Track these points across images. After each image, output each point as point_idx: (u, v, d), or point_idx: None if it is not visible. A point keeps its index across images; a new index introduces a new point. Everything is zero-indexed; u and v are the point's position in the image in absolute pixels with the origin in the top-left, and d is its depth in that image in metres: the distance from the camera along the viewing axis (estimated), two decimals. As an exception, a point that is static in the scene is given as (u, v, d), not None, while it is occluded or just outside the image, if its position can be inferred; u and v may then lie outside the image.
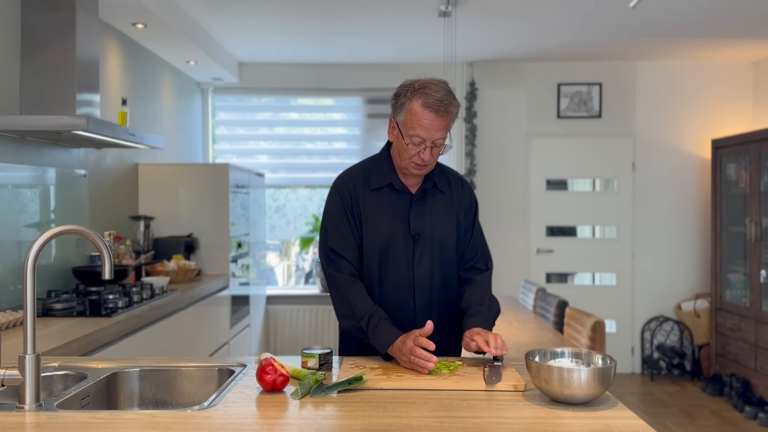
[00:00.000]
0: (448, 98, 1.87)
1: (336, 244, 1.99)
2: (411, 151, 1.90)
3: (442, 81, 1.92)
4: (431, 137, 1.88)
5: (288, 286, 6.26)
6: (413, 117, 1.87)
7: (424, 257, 2.00)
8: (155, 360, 1.91)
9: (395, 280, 1.99)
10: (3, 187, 2.87)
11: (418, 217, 2.00)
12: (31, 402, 1.47)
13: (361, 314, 1.90)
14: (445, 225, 2.02)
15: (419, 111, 1.87)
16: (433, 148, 1.89)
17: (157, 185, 4.43)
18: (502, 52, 5.46)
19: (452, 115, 1.89)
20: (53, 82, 2.96)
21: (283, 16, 4.43)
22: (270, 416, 1.43)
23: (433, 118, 1.86)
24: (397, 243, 1.98)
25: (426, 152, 1.89)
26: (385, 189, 2.01)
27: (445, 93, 1.88)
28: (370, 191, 2.00)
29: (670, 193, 5.81)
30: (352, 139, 5.94)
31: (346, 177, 2.05)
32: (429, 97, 1.86)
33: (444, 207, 2.04)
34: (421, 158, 1.90)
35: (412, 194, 2.01)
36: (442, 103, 1.86)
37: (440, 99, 1.86)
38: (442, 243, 2.02)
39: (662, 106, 5.80)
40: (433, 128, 1.87)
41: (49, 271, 3.24)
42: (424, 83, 1.89)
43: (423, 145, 1.89)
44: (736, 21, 4.54)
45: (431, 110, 1.86)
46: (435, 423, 1.37)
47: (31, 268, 1.50)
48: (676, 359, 5.62)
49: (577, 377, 1.47)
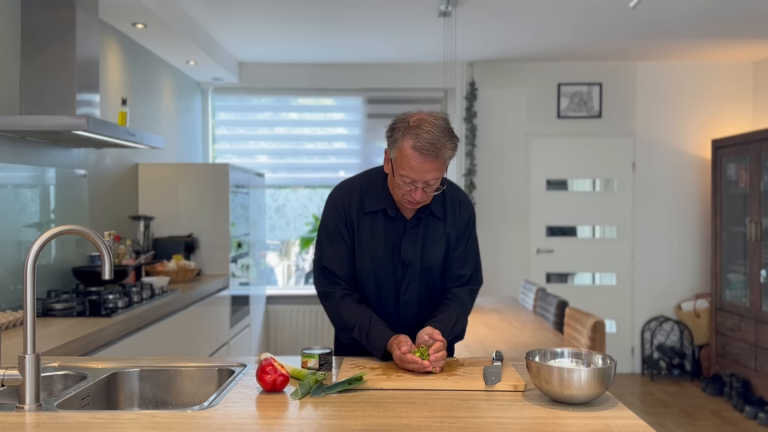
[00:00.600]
0: (441, 140, 1.77)
1: (329, 262, 1.98)
2: (403, 189, 1.85)
3: (440, 117, 1.83)
4: (422, 179, 1.81)
5: (288, 286, 6.26)
6: (404, 157, 1.81)
7: (412, 284, 1.98)
8: (155, 360, 1.91)
9: (382, 303, 1.99)
10: (3, 187, 2.87)
11: (410, 244, 1.97)
12: (31, 402, 1.47)
13: (352, 324, 1.91)
14: (435, 252, 1.98)
15: (409, 152, 1.79)
16: (425, 188, 1.84)
17: (157, 185, 4.43)
18: (502, 52, 5.46)
19: (445, 158, 1.80)
20: (53, 82, 2.96)
21: (283, 16, 4.43)
22: (270, 416, 1.43)
23: (423, 161, 1.78)
24: (385, 268, 1.97)
25: (418, 192, 1.83)
26: (379, 213, 1.97)
27: (439, 133, 1.77)
28: (364, 213, 1.97)
29: (670, 193, 5.81)
30: (352, 139, 5.94)
31: (343, 194, 2.01)
32: (420, 139, 1.77)
33: (437, 234, 1.99)
34: (412, 197, 1.85)
35: (406, 221, 1.97)
36: (434, 147, 1.76)
37: (431, 141, 1.76)
38: (430, 270, 1.99)
39: (662, 106, 5.80)
40: (424, 170, 1.79)
41: (49, 271, 3.24)
42: (418, 120, 1.80)
43: (414, 186, 1.83)
44: (737, 21, 4.54)
45: (420, 153, 1.77)
46: (435, 423, 1.37)
47: (31, 268, 1.50)
48: (676, 359, 5.62)
49: (577, 377, 1.47)
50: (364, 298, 1.99)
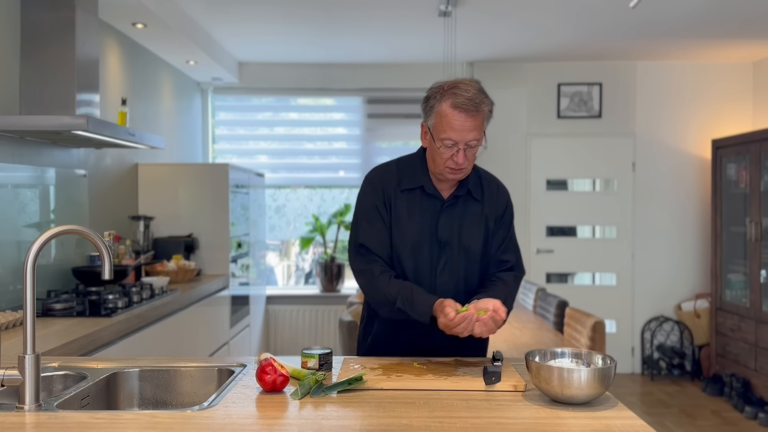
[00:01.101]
0: (479, 97, 1.81)
1: (367, 240, 1.94)
2: (444, 155, 1.84)
3: (474, 80, 1.86)
4: (464, 139, 1.81)
5: (288, 286, 6.26)
6: (443, 119, 1.82)
7: (449, 265, 1.95)
8: (155, 360, 1.90)
9: (418, 284, 1.94)
10: (3, 187, 2.87)
11: (447, 224, 1.94)
12: (30, 402, 1.47)
13: (394, 296, 1.86)
14: (474, 233, 1.96)
15: (449, 112, 1.80)
16: (467, 150, 1.83)
17: (157, 185, 4.43)
18: (502, 52, 5.46)
19: (484, 114, 1.83)
20: (53, 82, 2.96)
21: (283, 16, 4.43)
22: (270, 416, 1.43)
23: (465, 119, 1.80)
24: (422, 248, 1.94)
25: (460, 155, 1.82)
26: (416, 191, 1.95)
27: (475, 92, 1.81)
28: (401, 191, 1.95)
29: (670, 193, 5.81)
30: (352, 139, 5.94)
31: (381, 173, 2.00)
32: (458, 97, 1.79)
33: (475, 215, 1.97)
34: (455, 162, 1.83)
35: (443, 199, 1.95)
36: (473, 102, 1.79)
37: (470, 98, 1.79)
38: (469, 252, 1.95)
39: (662, 106, 5.80)
40: (465, 129, 1.80)
41: (49, 271, 3.24)
42: (453, 83, 1.83)
43: (456, 148, 1.82)
44: (737, 21, 4.54)
45: (461, 111, 1.79)
46: (435, 423, 1.37)
47: (30, 268, 1.50)
48: (676, 359, 5.62)
49: (577, 377, 1.47)
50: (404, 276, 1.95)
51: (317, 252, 6.13)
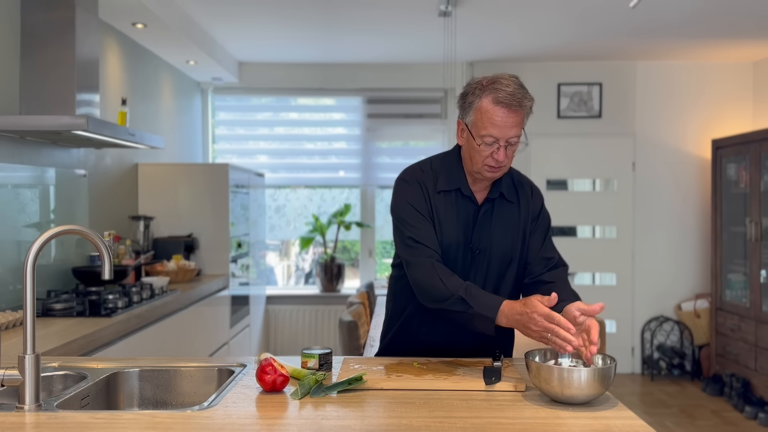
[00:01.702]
0: (520, 92, 1.76)
1: (416, 233, 1.84)
2: (484, 153, 1.78)
3: (513, 75, 1.80)
4: (505, 135, 1.76)
5: (288, 286, 6.26)
6: (484, 115, 1.76)
7: (480, 272, 1.89)
8: (155, 360, 1.90)
9: None
10: (3, 187, 2.87)
11: (483, 231, 1.88)
12: (30, 402, 1.46)
13: (456, 287, 1.74)
14: (509, 239, 1.90)
15: (490, 108, 1.75)
16: (507, 147, 1.77)
17: (157, 185, 4.43)
18: (502, 52, 5.46)
19: (526, 109, 1.78)
20: (53, 82, 2.96)
21: (283, 16, 4.43)
22: (270, 416, 1.43)
23: (506, 115, 1.74)
24: (455, 252, 1.87)
25: (500, 152, 1.77)
26: (453, 193, 1.89)
27: (516, 87, 1.76)
28: (437, 193, 1.88)
29: (670, 193, 5.81)
30: (352, 139, 5.94)
31: (419, 171, 1.91)
32: (500, 92, 1.74)
33: (511, 219, 1.91)
34: (495, 159, 1.77)
35: (478, 204, 1.89)
36: (515, 98, 1.74)
37: (512, 93, 1.74)
38: (505, 258, 1.90)
39: (662, 106, 5.80)
40: (507, 125, 1.75)
41: (49, 271, 3.24)
42: (493, 79, 1.78)
43: (496, 145, 1.77)
44: (736, 21, 4.54)
45: (503, 106, 1.74)
46: (435, 423, 1.37)
47: (30, 268, 1.50)
48: (676, 359, 5.62)
49: (577, 377, 1.47)
50: None
51: (317, 252, 6.13)
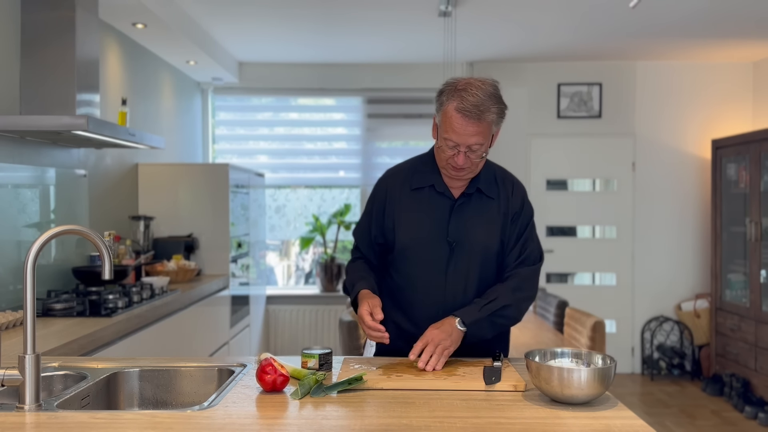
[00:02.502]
0: (485, 104, 1.78)
1: (357, 235, 2.07)
2: (446, 154, 1.84)
3: (489, 82, 1.83)
4: (465, 142, 1.80)
5: (288, 286, 6.26)
6: (447, 120, 1.81)
7: (461, 265, 1.92)
8: (155, 360, 1.90)
9: (427, 285, 1.94)
10: (3, 187, 2.87)
11: (458, 224, 1.92)
12: (30, 402, 1.47)
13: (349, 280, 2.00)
14: (488, 233, 1.93)
15: (452, 114, 1.79)
16: (468, 152, 1.82)
17: (157, 185, 4.43)
18: (502, 52, 5.46)
19: (489, 121, 1.80)
20: (53, 82, 2.96)
21: (283, 16, 4.43)
22: (270, 416, 1.43)
23: (466, 124, 1.78)
24: (431, 248, 1.92)
25: (459, 157, 1.82)
26: (426, 190, 1.95)
27: (484, 97, 1.78)
28: (411, 190, 1.96)
29: (670, 193, 5.81)
30: (352, 139, 5.94)
31: (389, 175, 2.04)
32: (464, 100, 1.77)
33: (489, 213, 1.94)
34: (455, 162, 1.83)
35: (454, 198, 1.94)
36: (477, 109, 1.76)
37: (475, 104, 1.76)
38: (483, 251, 1.93)
39: (662, 106, 5.80)
40: (466, 134, 1.79)
41: (49, 271, 3.24)
42: (465, 84, 1.80)
43: (457, 149, 1.81)
44: (736, 21, 4.54)
45: (463, 115, 1.78)
46: (435, 423, 1.37)
47: (31, 268, 1.50)
48: (676, 359, 5.62)
49: (577, 377, 1.47)
50: (411, 278, 1.96)
51: (317, 252, 6.13)
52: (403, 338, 1.95)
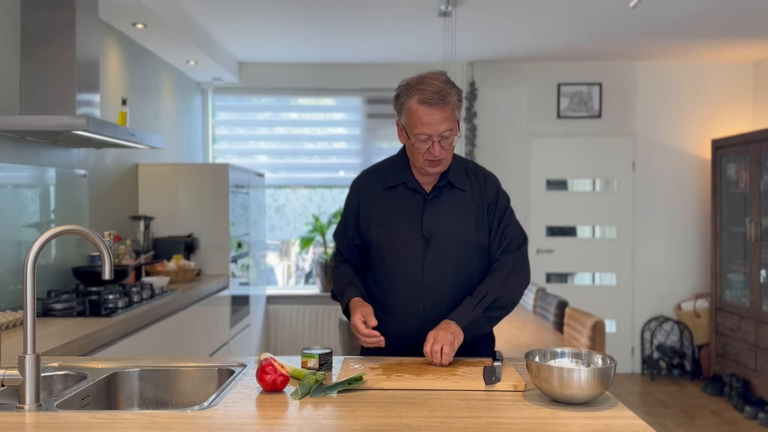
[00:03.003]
0: (444, 89, 1.84)
1: (337, 239, 2.14)
2: (421, 149, 1.88)
3: (439, 72, 1.89)
4: (436, 131, 1.85)
5: (288, 286, 6.26)
6: (413, 116, 1.86)
7: (436, 258, 1.95)
8: (155, 360, 1.91)
9: (404, 281, 1.97)
10: (3, 187, 2.87)
11: (432, 217, 1.96)
12: (31, 402, 1.47)
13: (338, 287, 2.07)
14: (462, 224, 1.97)
15: (417, 108, 1.85)
16: (441, 141, 1.86)
17: (157, 185, 4.43)
18: (502, 52, 5.46)
19: (452, 104, 1.86)
20: (53, 82, 2.96)
21: (283, 16, 4.43)
22: (270, 416, 1.43)
23: (433, 113, 1.84)
24: (407, 243, 1.96)
25: (435, 147, 1.86)
26: (399, 188, 2.00)
27: (441, 84, 1.85)
28: (384, 189, 2.01)
29: (670, 193, 5.81)
30: (352, 139, 5.94)
31: (363, 176, 2.09)
32: (424, 92, 1.83)
33: (462, 205, 1.98)
34: (432, 154, 1.87)
35: (426, 193, 1.98)
36: (439, 95, 1.83)
37: (436, 92, 1.83)
38: (459, 243, 1.96)
39: (662, 106, 5.80)
40: (435, 122, 1.84)
41: (49, 271, 3.24)
42: (418, 79, 1.87)
43: (430, 141, 1.86)
44: (736, 21, 4.54)
45: (428, 105, 1.83)
46: (435, 423, 1.37)
47: (31, 268, 1.50)
48: (676, 359, 5.62)
49: (577, 377, 1.47)
50: (389, 277, 1.99)
51: (317, 252, 6.13)
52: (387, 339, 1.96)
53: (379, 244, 2.00)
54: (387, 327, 1.98)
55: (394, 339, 1.96)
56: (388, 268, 1.99)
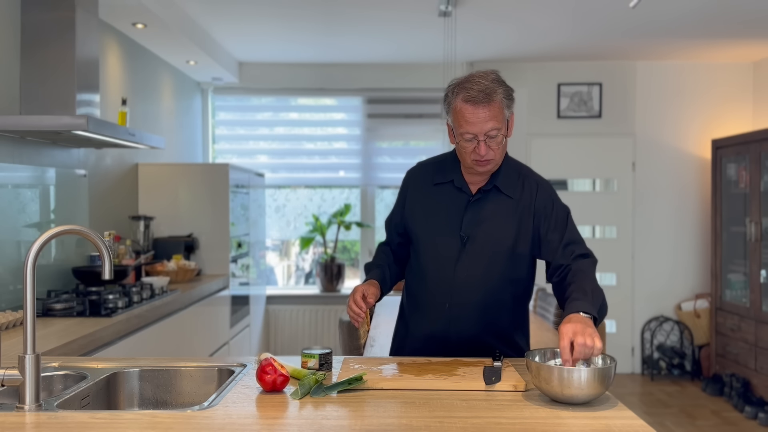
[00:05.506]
0: (491, 87, 1.80)
1: (386, 222, 2.18)
2: (467, 149, 1.86)
3: (489, 71, 1.86)
4: (481, 130, 1.82)
5: (288, 286, 6.26)
6: (458, 115, 1.84)
7: (470, 260, 1.94)
8: (155, 360, 1.91)
9: (436, 277, 1.99)
10: (3, 187, 2.87)
11: (472, 219, 1.95)
12: (31, 402, 1.47)
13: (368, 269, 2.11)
14: (501, 231, 1.93)
15: (462, 107, 1.83)
16: (487, 140, 1.83)
17: (157, 185, 4.43)
18: (502, 52, 5.46)
19: (499, 102, 1.82)
20: (53, 82, 2.96)
21: (283, 16, 4.43)
22: (270, 416, 1.43)
23: (477, 111, 1.80)
24: (444, 241, 1.97)
25: (481, 147, 1.83)
26: (446, 185, 2.00)
27: (488, 82, 1.81)
28: (433, 185, 2.02)
29: (670, 193, 5.81)
30: (352, 139, 5.94)
31: (417, 167, 2.12)
32: (469, 90, 1.81)
33: (505, 212, 1.95)
34: (478, 154, 1.84)
35: (470, 194, 1.97)
36: (484, 93, 1.80)
37: (481, 90, 1.80)
38: (494, 249, 1.93)
39: (662, 106, 5.80)
40: (479, 120, 1.81)
41: (49, 271, 3.24)
42: (466, 78, 1.85)
43: (476, 141, 1.83)
44: (737, 21, 4.54)
45: (472, 103, 1.81)
46: (435, 423, 1.37)
47: (31, 268, 1.50)
48: (676, 359, 5.62)
49: (577, 377, 1.47)
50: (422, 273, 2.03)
51: (317, 252, 6.13)
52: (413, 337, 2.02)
53: (417, 237, 2.03)
54: (413, 324, 2.06)
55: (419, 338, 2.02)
56: (423, 262, 2.02)
